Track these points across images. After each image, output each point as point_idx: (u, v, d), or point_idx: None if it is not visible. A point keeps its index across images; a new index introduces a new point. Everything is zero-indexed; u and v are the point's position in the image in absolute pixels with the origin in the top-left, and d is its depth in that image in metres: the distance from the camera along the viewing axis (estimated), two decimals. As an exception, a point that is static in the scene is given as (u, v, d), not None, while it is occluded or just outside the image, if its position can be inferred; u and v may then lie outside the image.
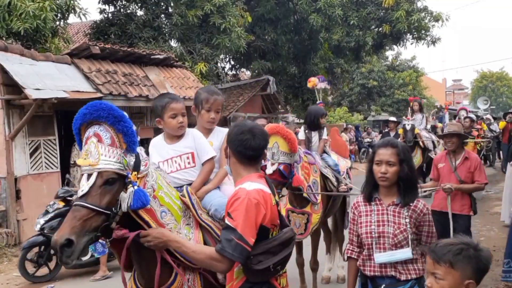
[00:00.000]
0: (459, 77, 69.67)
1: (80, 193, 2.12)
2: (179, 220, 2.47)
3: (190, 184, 2.78)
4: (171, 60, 10.44)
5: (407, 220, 2.60)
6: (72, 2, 9.65)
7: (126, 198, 2.17)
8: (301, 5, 14.73)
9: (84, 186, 2.11)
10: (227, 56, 16.56)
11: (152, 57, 9.74)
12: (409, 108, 10.90)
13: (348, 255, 2.82)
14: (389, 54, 30.08)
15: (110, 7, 12.90)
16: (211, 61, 12.28)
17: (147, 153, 2.73)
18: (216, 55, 12.57)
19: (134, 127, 2.29)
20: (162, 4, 12.69)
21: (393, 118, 12.00)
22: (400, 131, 10.20)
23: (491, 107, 44.89)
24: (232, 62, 17.74)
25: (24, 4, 8.35)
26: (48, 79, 7.43)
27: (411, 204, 2.63)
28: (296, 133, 5.29)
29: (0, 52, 7.26)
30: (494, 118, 19.48)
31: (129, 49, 9.55)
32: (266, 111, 16.70)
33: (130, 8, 12.80)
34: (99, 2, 12.80)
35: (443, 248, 1.69)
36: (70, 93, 7.48)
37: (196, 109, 3.07)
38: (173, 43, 12.84)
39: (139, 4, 12.57)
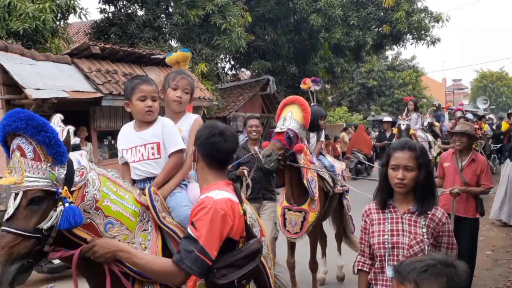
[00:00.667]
0: (459, 77, 69.70)
1: (5, 216, 1.92)
2: (133, 228, 2.25)
3: (152, 178, 2.59)
4: (171, 60, 10.43)
5: (424, 230, 2.38)
6: (72, 2, 9.65)
7: (52, 218, 1.93)
8: (301, 4, 14.73)
9: (10, 207, 1.92)
10: (227, 56, 16.56)
11: (152, 57, 9.74)
12: (405, 108, 10.68)
13: (359, 267, 2.60)
14: (389, 54, 30.14)
15: (111, 7, 12.91)
16: (211, 62, 12.28)
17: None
18: (217, 55, 12.58)
19: (65, 132, 2.05)
20: (162, 4, 12.70)
21: (387, 118, 11.64)
22: (395, 130, 9.98)
23: (491, 107, 44.95)
24: (232, 62, 17.75)
25: (23, 5, 8.36)
26: (48, 79, 7.43)
27: (428, 213, 2.40)
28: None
29: (0, 52, 7.26)
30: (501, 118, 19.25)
31: (129, 49, 9.55)
32: (266, 111, 16.72)
33: (131, 8, 12.80)
34: (99, 2, 12.80)
35: (408, 266, 1.52)
36: (70, 93, 7.48)
37: (163, 91, 2.84)
38: (173, 43, 12.84)
39: (140, 4, 12.57)
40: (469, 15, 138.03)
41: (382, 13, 16.12)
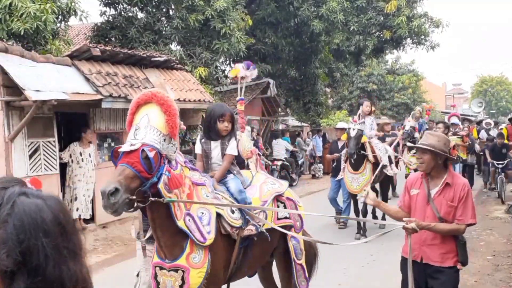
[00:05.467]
0: (459, 81, 69.77)
1: None
2: None
3: None
4: (172, 62, 10.43)
5: None
6: (73, 4, 9.65)
7: None
8: (303, 11, 14.75)
9: None
10: (227, 59, 16.57)
11: (152, 59, 9.73)
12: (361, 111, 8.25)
13: None
14: (389, 58, 30.25)
15: (111, 9, 12.92)
16: (211, 65, 12.28)
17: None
18: (216, 59, 12.57)
19: None
20: (162, 7, 12.70)
21: (341, 125, 9.38)
22: (344, 136, 7.84)
23: (491, 111, 45.00)
24: (232, 65, 17.75)
25: (25, 5, 8.37)
26: (48, 80, 7.41)
27: None
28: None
29: (0, 53, 7.25)
30: (496, 123, 17.76)
31: (129, 51, 9.54)
32: (266, 114, 16.72)
33: (131, 11, 12.80)
34: (100, 4, 12.81)
35: None
36: (70, 94, 7.46)
37: None
38: (173, 46, 12.84)
39: (140, 7, 12.57)
40: (470, 19, 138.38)
41: (382, 18, 16.14)
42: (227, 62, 17.21)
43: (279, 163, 13.56)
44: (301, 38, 16.90)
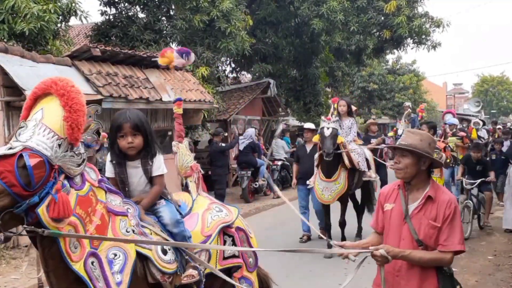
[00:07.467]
0: (459, 81, 69.67)
1: None
2: None
3: None
4: (172, 62, 10.41)
5: None
6: (73, 5, 9.66)
7: None
8: (303, 10, 14.75)
9: None
10: (228, 59, 16.58)
11: (153, 59, 9.69)
12: (334, 110, 7.22)
13: None
14: (390, 57, 30.25)
15: (111, 9, 12.93)
16: (212, 65, 12.26)
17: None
18: (218, 58, 12.56)
19: None
20: (163, 6, 12.70)
21: (309, 125, 7.92)
22: (316, 138, 6.74)
23: (492, 111, 44.97)
24: (233, 65, 17.77)
25: (28, 5, 8.41)
26: (48, 81, 7.42)
27: None
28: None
29: (1, 54, 7.25)
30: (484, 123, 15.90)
31: (129, 51, 9.53)
32: (267, 114, 16.72)
33: (132, 11, 12.81)
34: (100, 4, 12.82)
35: None
36: (70, 95, 7.46)
37: None
38: (174, 46, 12.83)
39: (141, 7, 12.58)
40: (471, 19, 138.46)
41: (383, 18, 16.11)
42: (228, 62, 17.23)
43: (280, 163, 13.55)
44: (302, 38, 16.88)
